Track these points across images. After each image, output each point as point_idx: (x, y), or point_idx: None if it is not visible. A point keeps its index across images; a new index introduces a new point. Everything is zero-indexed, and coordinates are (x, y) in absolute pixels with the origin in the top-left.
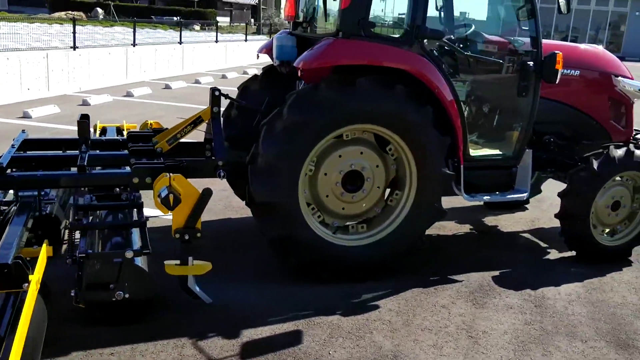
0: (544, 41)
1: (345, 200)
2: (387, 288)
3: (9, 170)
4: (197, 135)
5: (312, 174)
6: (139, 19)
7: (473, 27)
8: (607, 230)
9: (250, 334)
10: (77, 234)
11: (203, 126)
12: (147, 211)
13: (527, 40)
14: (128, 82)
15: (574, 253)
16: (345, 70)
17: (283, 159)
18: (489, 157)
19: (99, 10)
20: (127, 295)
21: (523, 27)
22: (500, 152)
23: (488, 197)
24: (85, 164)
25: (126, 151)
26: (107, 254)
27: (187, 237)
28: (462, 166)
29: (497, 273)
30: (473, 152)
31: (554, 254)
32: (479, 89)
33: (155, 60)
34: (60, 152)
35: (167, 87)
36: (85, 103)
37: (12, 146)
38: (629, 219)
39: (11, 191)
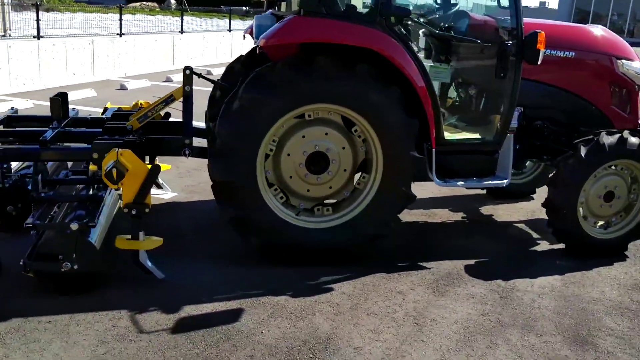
0: (548, 21)
1: (310, 182)
2: (349, 272)
3: None
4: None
5: (274, 155)
6: (209, 8)
7: (458, 6)
8: (600, 222)
9: (190, 310)
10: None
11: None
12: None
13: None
14: (174, 68)
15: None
16: (312, 49)
17: (238, 138)
18: (466, 141)
19: (172, 0)
20: (75, 267)
21: (502, 5)
22: (480, 137)
23: (462, 183)
24: (49, 139)
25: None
26: (53, 225)
27: (134, 212)
28: (434, 150)
29: (472, 262)
30: (449, 136)
31: (543, 246)
32: (456, 70)
33: (202, 47)
34: (42, 129)
35: (209, 72)
36: (122, 87)
37: None
38: (625, 211)
39: None
